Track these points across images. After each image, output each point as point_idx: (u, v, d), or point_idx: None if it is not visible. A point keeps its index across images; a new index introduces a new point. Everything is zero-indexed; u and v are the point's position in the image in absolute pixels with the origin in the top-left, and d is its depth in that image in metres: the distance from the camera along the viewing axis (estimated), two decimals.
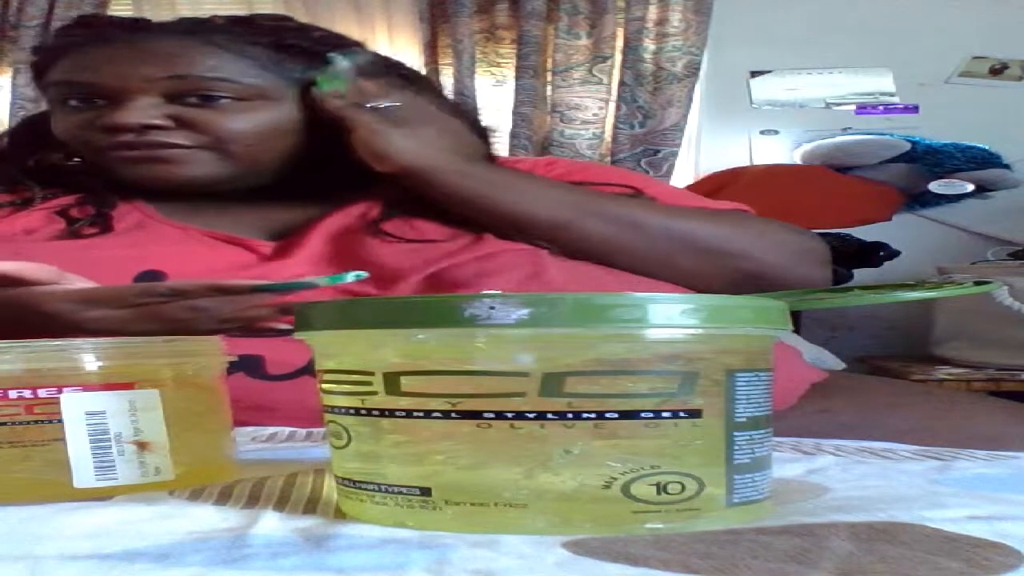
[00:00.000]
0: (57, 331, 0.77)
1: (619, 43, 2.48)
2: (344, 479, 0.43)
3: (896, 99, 2.52)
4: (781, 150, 2.54)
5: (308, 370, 0.81)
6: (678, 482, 0.39)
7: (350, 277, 0.81)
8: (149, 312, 0.79)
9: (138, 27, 1.05)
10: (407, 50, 2.53)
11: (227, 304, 0.79)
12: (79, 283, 0.81)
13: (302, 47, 1.03)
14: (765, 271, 1.01)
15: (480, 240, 0.97)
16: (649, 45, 2.47)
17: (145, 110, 0.98)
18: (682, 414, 0.39)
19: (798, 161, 2.51)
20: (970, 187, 2.44)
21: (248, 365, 0.80)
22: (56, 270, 0.81)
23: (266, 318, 0.81)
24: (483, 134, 1.13)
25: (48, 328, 0.77)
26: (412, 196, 1.01)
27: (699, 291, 0.93)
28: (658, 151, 2.45)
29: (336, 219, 1.00)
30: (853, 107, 2.53)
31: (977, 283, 0.93)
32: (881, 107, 2.52)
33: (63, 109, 1.03)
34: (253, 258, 0.96)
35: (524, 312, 0.38)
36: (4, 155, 1.11)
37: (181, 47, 1.00)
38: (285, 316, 0.81)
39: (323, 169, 1.06)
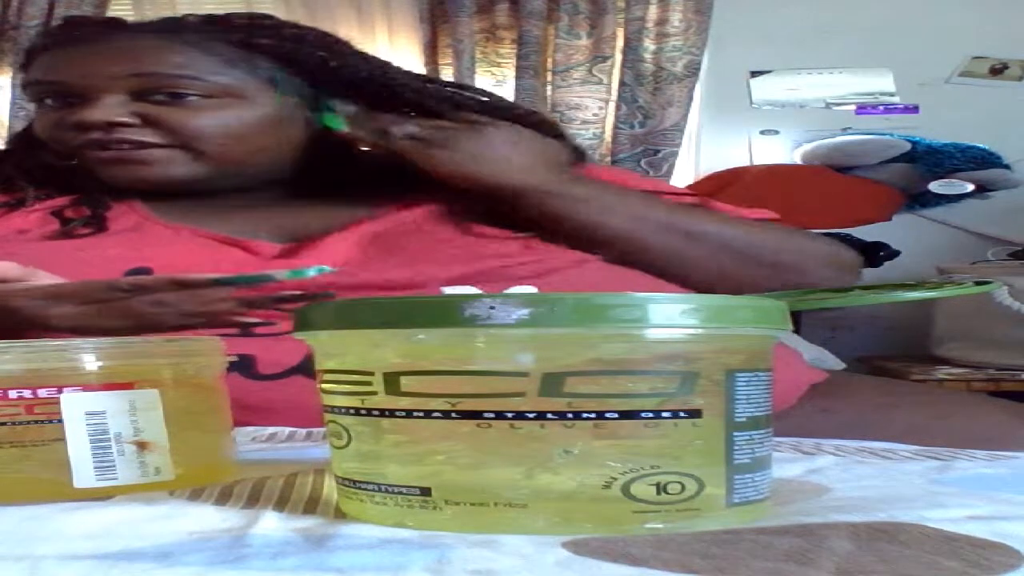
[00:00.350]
0: (23, 327, 0.77)
1: (619, 43, 2.48)
2: (344, 479, 0.43)
3: (896, 99, 2.52)
4: (781, 150, 2.54)
5: (299, 370, 0.81)
6: (678, 482, 0.39)
7: (312, 271, 0.82)
8: (114, 308, 0.79)
9: (112, 27, 1.06)
10: (407, 50, 2.53)
11: (190, 298, 0.80)
12: (46, 279, 0.81)
13: (272, 45, 1.03)
14: (812, 283, 1.02)
15: (529, 244, 0.98)
16: (649, 45, 2.47)
17: (111, 108, 0.98)
18: (682, 414, 0.39)
19: (798, 161, 2.51)
20: (970, 187, 2.44)
21: (240, 365, 0.80)
22: (22, 267, 0.81)
23: (230, 312, 0.81)
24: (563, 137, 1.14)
25: (14, 324, 0.77)
26: (468, 200, 1.02)
27: None
28: (658, 151, 2.45)
29: (377, 223, 1.00)
30: (853, 107, 2.53)
31: (977, 283, 0.93)
32: (881, 107, 2.52)
33: (40, 108, 1.04)
34: (253, 259, 0.96)
35: (524, 312, 0.38)
36: (6, 156, 1.12)
37: (148, 45, 1.00)
38: (250, 310, 0.81)
39: (342, 172, 1.06)
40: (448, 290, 0.89)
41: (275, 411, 0.78)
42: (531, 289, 0.90)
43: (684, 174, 2.53)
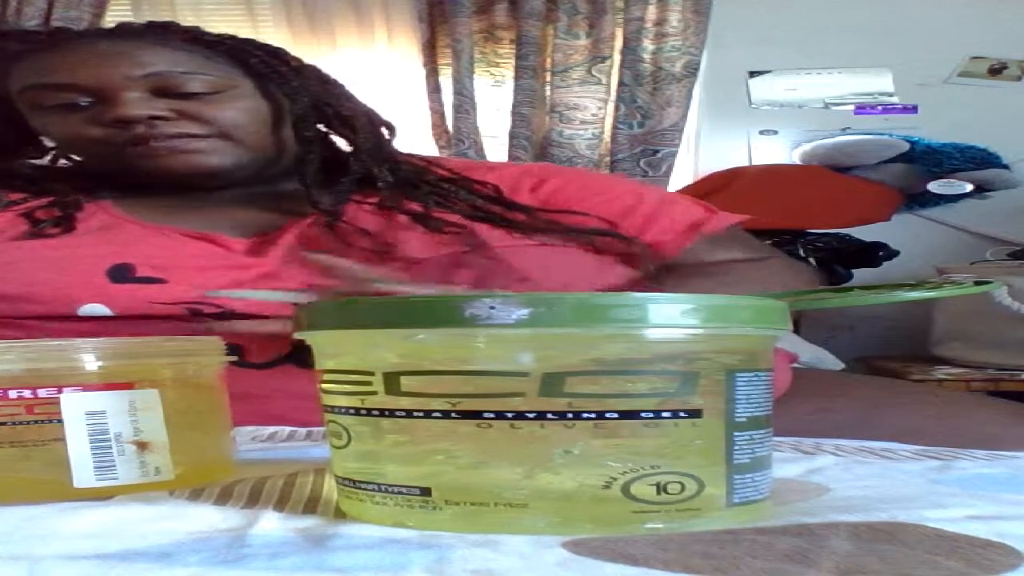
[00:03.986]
0: None
1: (618, 43, 2.48)
2: (344, 479, 0.43)
3: (895, 99, 2.52)
4: (780, 150, 2.54)
5: (289, 359, 0.83)
6: (678, 482, 0.39)
7: None
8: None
9: (86, 34, 1.06)
10: (406, 50, 2.53)
11: None
12: None
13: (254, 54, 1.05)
14: None
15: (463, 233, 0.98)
16: (648, 45, 2.46)
17: (146, 102, 0.98)
18: (682, 414, 0.39)
19: (797, 161, 2.51)
20: (969, 187, 2.44)
21: (231, 353, 0.81)
22: None
23: None
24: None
25: None
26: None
27: None
28: (657, 151, 2.45)
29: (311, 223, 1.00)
30: (852, 107, 2.53)
31: (977, 283, 0.93)
32: (880, 107, 2.52)
33: (41, 112, 1.02)
34: (225, 253, 0.96)
35: (524, 312, 0.38)
36: None
37: (141, 47, 1.00)
38: None
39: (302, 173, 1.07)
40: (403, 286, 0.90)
41: (267, 397, 0.78)
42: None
43: (683, 174, 2.53)
